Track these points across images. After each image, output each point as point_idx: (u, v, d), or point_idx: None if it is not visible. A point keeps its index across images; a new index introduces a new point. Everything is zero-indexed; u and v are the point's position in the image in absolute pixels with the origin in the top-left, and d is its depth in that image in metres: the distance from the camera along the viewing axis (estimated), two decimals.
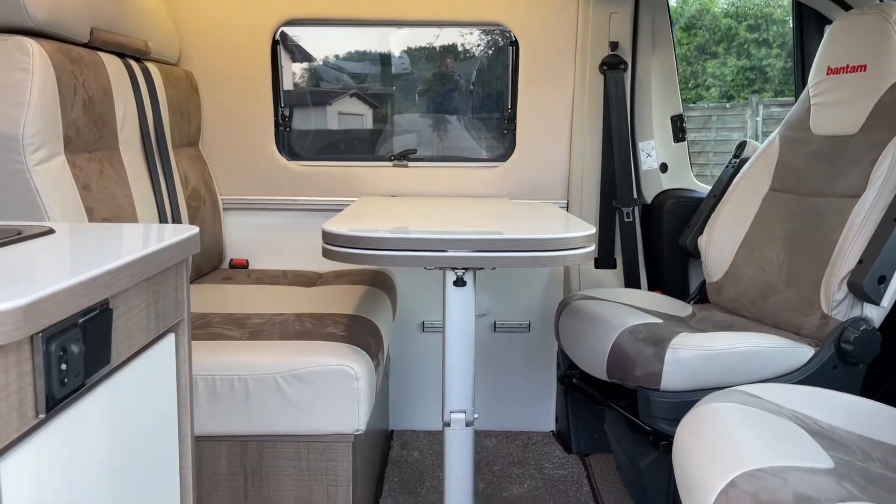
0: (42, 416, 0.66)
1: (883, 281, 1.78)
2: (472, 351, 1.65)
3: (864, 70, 2.03)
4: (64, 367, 0.68)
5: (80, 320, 0.71)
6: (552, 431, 2.68)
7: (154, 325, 0.94)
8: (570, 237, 1.53)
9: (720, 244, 2.28)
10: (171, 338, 1.02)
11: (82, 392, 0.77)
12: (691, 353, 1.79)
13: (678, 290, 2.51)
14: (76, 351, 0.70)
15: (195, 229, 1.02)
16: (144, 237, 0.94)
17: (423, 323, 2.66)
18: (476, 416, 1.68)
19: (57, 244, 0.88)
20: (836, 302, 1.86)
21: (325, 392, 1.61)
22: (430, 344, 2.67)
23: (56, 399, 0.67)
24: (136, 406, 0.89)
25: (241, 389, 1.60)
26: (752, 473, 1.08)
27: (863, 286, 1.77)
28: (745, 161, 2.38)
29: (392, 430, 2.68)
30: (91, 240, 0.91)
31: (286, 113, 2.67)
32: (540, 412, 2.70)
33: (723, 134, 9.48)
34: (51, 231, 0.95)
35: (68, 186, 1.65)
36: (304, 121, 2.82)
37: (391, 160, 2.65)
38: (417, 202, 2.25)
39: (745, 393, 1.39)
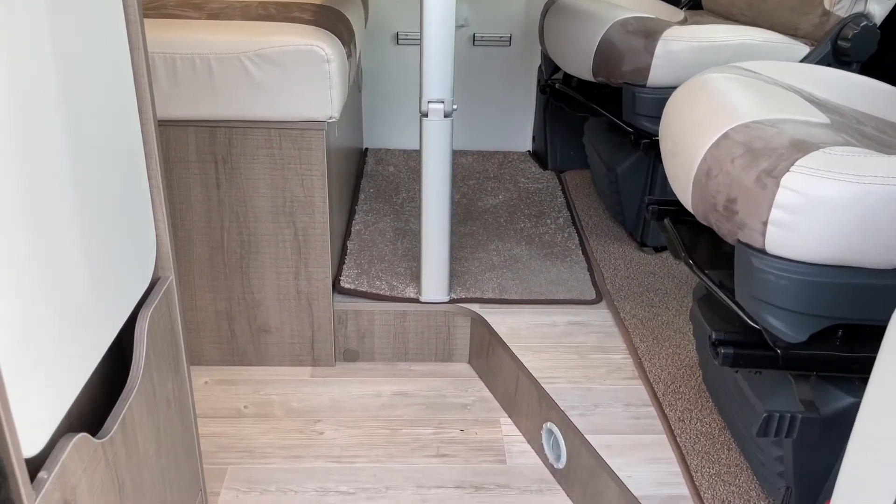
0: None
1: None
2: (451, 36, 1.54)
3: None
4: None
5: None
6: (528, 151, 2.65)
7: None
8: None
9: None
10: None
11: None
12: (683, 44, 1.69)
13: None
14: None
15: None
16: None
17: (397, 34, 2.50)
18: (455, 106, 1.61)
19: None
20: None
21: (295, 74, 1.50)
22: (404, 57, 2.53)
23: None
24: (83, 49, 0.79)
25: (204, 70, 1.49)
26: (746, 125, 1.04)
27: None
28: None
29: (366, 148, 2.63)
30: None
31: None
32: (517, 133, 2.65)
33: None
34: None
35: None
36: None
37: None
38: None
39: (741, 68, 1.32)
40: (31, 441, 0.71)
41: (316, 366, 1.80)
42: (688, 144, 1.12)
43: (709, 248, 1.27)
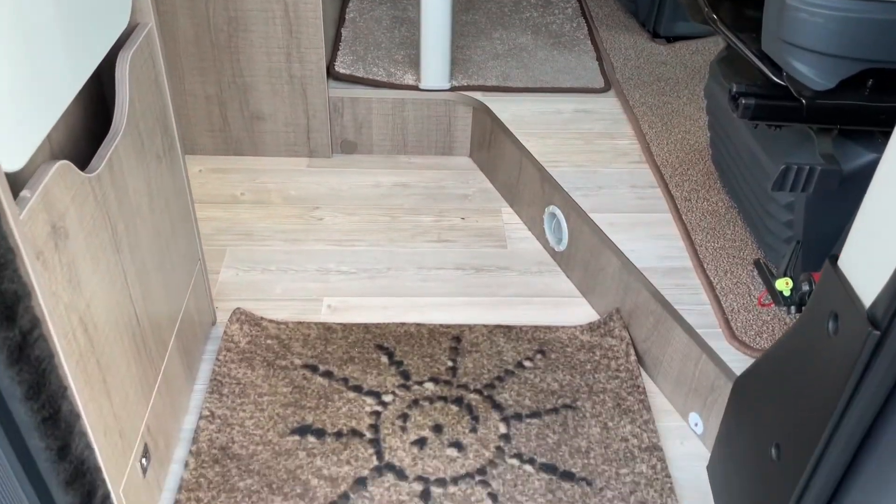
0: None
1: None
2: None
3: None
4: None
5: None
6: None
7: None
8: None
9: None
10: None
11: None
12: None
13: None
14: None
15: None
16: None
17: None
18: None
19: None
20: None
21: None
22: None
23: None
24: None
25: None
26: None
27: None
28: None
29: None
30: None
31: None
32: None
33: None
34: None
35: None
36: None
37: None
38: None
39: None
40: (9, 156, 0.67)
41: (312, 157, 1.75)
42: None
43: (731, 12, 1.18)
